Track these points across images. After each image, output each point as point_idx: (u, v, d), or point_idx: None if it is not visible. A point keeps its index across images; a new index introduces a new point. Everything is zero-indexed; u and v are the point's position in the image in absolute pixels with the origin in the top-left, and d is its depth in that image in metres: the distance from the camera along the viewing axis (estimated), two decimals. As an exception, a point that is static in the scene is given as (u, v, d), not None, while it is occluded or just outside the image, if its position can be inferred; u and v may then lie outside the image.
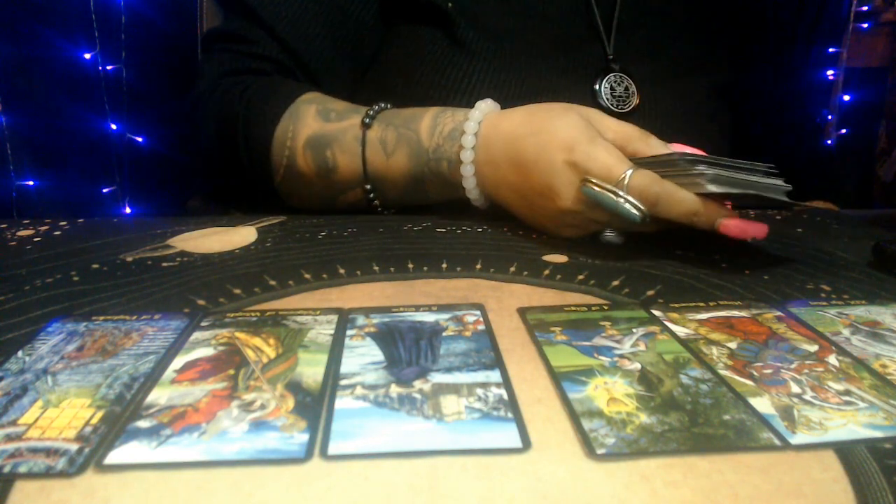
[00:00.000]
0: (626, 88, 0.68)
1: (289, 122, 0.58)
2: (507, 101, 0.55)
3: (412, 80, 0.65)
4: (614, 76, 0.68)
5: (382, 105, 0.58)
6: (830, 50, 1.29)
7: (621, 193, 0.44)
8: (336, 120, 0.58)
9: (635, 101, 0.68)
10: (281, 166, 0.59)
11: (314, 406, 0.27)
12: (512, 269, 0.45)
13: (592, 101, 0.66)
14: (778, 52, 0.83)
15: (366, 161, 0.56)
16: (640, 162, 0.47)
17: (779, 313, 0.38)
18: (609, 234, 0.50)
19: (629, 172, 0.45)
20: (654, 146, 0.49)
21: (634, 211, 0.44)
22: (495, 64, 0.64)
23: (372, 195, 0.58)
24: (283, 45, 0.63)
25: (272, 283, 0.42)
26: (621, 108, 0.67)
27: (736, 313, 0.38)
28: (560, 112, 0.50)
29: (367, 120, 0.56)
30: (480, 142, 0.52)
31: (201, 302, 0.39)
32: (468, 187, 0.53)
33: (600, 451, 0.25)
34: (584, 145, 0.47)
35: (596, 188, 0.45)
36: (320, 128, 0.58)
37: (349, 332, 0.34)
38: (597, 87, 0.67)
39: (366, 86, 0.67)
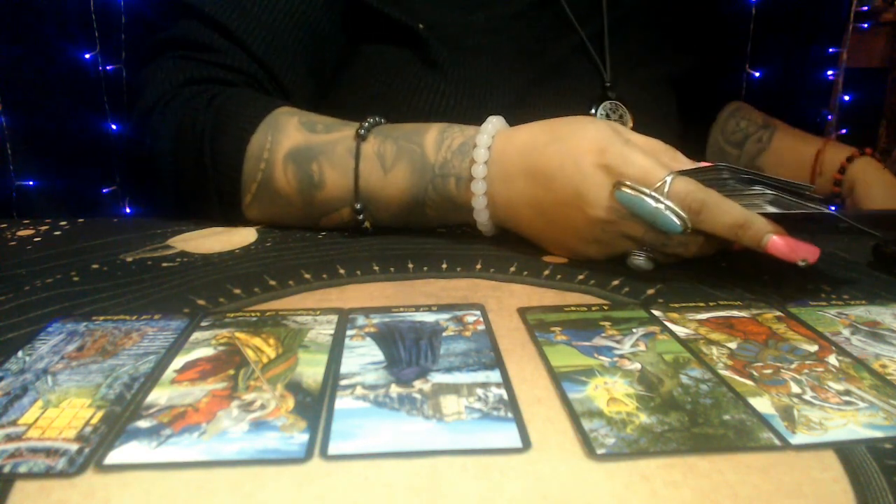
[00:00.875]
0: (621, 116, 0.67)
1: (267, 133, 0.51)
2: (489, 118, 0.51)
3: (383, 102, 0.62)
4: (610, 104, 0.67)
5: (378, 118, 0.52)
6: (830, 50, 1.29)
7: (661, 198, 0.40)
8: (324, 132, 0.51)
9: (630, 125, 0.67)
10: (254, 182, 0.51)
11: (314, 406, 0.27)
12: (512, 269, 0.45)
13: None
14: (778, 52, 0.83)
15: (359, 176, 0.49)
16: (679, 173, 0.42)
17: (779, 313, 0.38)
18: (639, 257, 0.44)
19: (670, 177, 0.41)
20: (682, 162, 0.45)
21: (675, 219, 0.40)
22: (471, 83, 0.62)
23: (361, 216, 0.51)
24: (255, 58, 0.57)
25: (272, 283, 0.42)
26: None
27: (736, 313, 0.38)
28: (585, 120, 0.46)
29: (363, 132, 0.50)
30: (494, 156, 0.47)
31: (201, 302, 0.39)
32: (477, 208, 0.48)
33: (600, 451, 0.25)
34: (617, 146, 0.42)
35: (632, 192, 0.40)
36: (305, 139, 0.51)
37: (349, 332, 0.34)
38: (593, 111, 0.66)
39: (326, 109, 0.56)
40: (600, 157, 0.43)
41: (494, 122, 0.49)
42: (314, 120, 0.52)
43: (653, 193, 0.40)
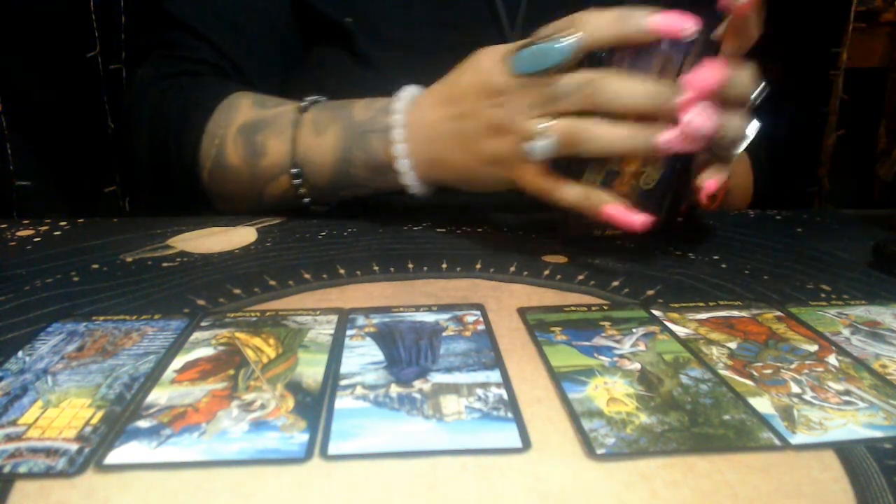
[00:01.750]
0: None
1: (222, 114, 0.56)
2: None
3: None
4: None
5: (320, 97, 0.56)
6: (831, 50, 1.29)
7: (557, 36, 0.41)
8: (272, 107, 0.55)
9: None
10: (209, 159, 0.56)
11: (314, 406, 0.27)
12: (512, 269, 0.45)
13: None
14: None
15: (296, 142, 0.53)
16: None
17: (779, 313, 0.38)
18: (537, 144, 0.42)
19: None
20: None
21: (567, 41, 0.40)
22: (400, 74, 0.62)
23: (298, 181, 0.53)
24: (220, 51, 0.62)
25: (272, 283, 0.42)
26: None
27: (736, 313, 0.38)
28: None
29: (304, 104, 0.54)
30: (412, 106, 0.50)
31: (201, 302, 0.39)
32: (398, 156, 0.49)
33: (600, 451, 0.25)
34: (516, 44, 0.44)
35: (527, 46, 0.42)
36: (255, 115, 0.55)
37: (349, 332, 0.34)
38: None
39: None
40: (500, 50, 0.45)
41: (419, 87, 0.52)
42: (265, 99, 0.57)
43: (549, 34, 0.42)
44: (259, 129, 0.54)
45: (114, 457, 0.24)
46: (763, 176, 0.72)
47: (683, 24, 0.40)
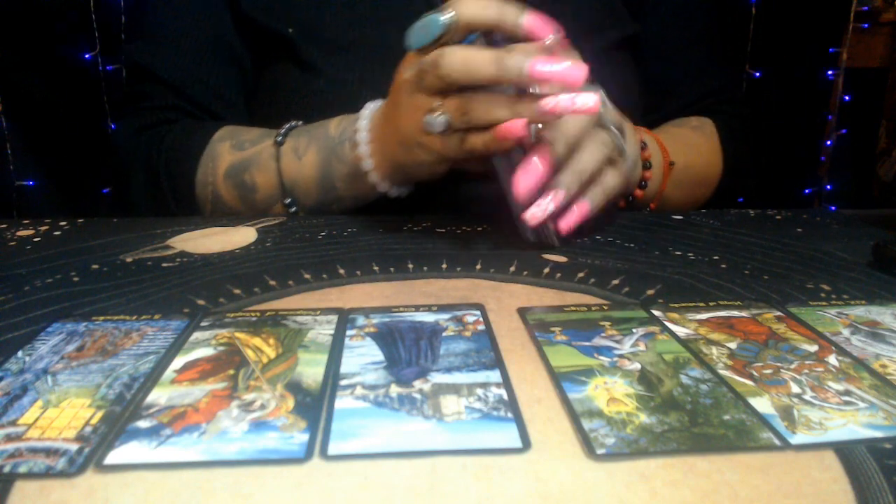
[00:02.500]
0: None
1: (207, 162, 0.60)
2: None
3: (271, 110, 0.66)
4: None
5: (295, 122, 0.59)
6: (830, 50, 1.29)
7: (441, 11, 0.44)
8: (250, 146, 0.59)
9: None
10: (207, 203, 0.61)
11: (314, 406, 0.27)
12: (512, 269, 0.45)
13: None
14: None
15: (281, 172, 0.57)
16: None
17: (779, 313, 0.38)
18: (435, 116, 0.46)
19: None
20: None
21: (446, 15, 0.43)
22: (345, 78, 0.64)
23: (293, 208, 0.58)
24: (180, 93, 0.66)
25: (272, 283, 0.42)
26: None
27: (736, 313, 0.38)
28: None
29: (279, 138, 0.58)
30: (376, 112, 0.53)
31: (201, 302, 0.39)
32: (362, 155, 0.53)
33: (600, 451, 0.25)
34: None
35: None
36: (236, 158, 0.59)
37: (349, 332, 0.34)
38: None
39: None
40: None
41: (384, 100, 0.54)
42: (242, 139, 0.61)
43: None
44: (245, 170, 0.59)
45: (114, 457, 0.24)
46: (738, 175, 0.72)
47: (547, 32, 0.44)
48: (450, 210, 0.59)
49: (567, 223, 0.48)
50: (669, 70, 0.75)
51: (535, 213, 0.46)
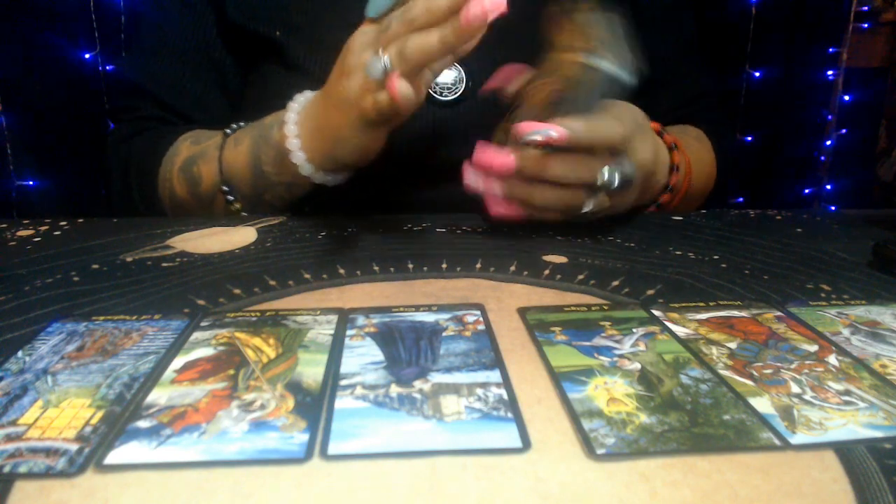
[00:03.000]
0: (457, 75, 0.67)
1: (168, 160, 0.63)
2: None
3: (259, 112, 0.66)
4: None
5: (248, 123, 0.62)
6: (830, 50, 1.29)
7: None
8: (206, 141, 0.62)
9: (462, 87, 0.66)
10: (165, 200, 0.63)
11: (314, 406, 0.27)
12: (512, 269, 0.45)
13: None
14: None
15: (221, 160, 0.59)
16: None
17: (779, 313, 0.38)
18: (374, 63, 0.47)
19: None
20: None
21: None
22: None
23: (230, 197, 0.59)
24: (163, 105, 0.69)
25: (272, 283, 0.42)
26: (445, 97, 0.65)
27: (736, 313, 0.38)
28: None
29: (229, 130, 0.60)
30: (309, 98, 0.55)
31: (201, 302, 0.39)
32: (288, 134, 0.53)
33: (600, 451, 0.25)
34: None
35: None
36: (191, 152, 0.62)
37: (349, 332, 0.34)
38: None
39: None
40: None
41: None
42: (202, 134, 0.63)
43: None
44: (194, 162, 0.61)
45: (114, 457, 0.24)
46: (722, 187, 0.74)
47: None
48: (449, 210, 0.59)
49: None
50: (654, 72, 0.76)
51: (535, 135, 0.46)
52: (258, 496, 0.23)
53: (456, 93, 0.65)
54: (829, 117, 1.32)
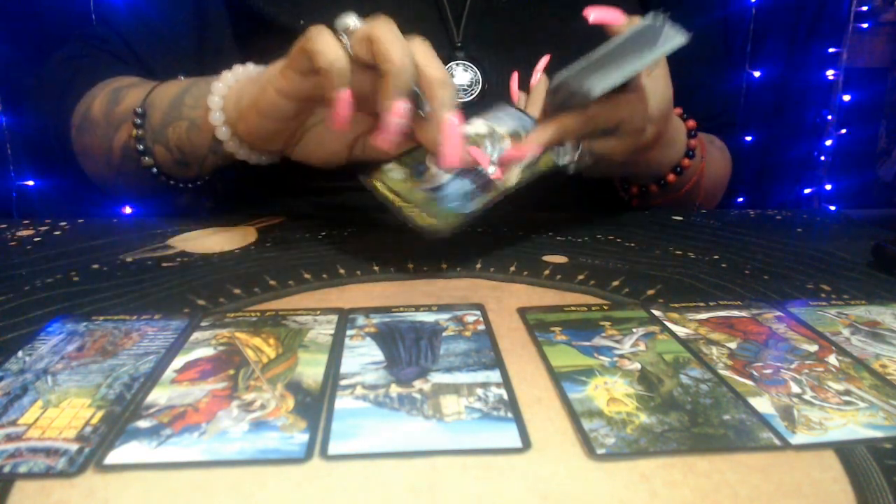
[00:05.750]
0: (472, 76, 0.66)
1: (105, 83, 0.61)
2: None
3: None
4: (461, 64, 0.66)
5: None
6: (830, 50, 1.29)
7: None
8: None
9: (478, 88, 0.65)
10: (79, 115, 0.61)
11: (314, 406, 0.27)
12: (512, 269, 0.45)
13: None
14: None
15: (152, 91, 0.56)
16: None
17: (779, 313, 0.38)
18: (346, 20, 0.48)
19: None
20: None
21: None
22: None
23: (139, 122, 0.55)
24: (129, 46, 0.67)
25: (272, 283, 0.42)
26: (461, 98, 0.65)
27: (736, 313, 0.38)
28: None
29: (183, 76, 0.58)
30: (253, 68, 0.53)
31: (201, 302, 0.39)
32: (214, 93, 0.51)
33: (600, 451, 0.25)
34: None
35: None
36: (132, 81, 0.60)
37: (349, 332, 0.34)
38: None
39: None
40: None
41: None
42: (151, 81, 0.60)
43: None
44: (132, 86, 0.59)
45: (114, 457, 0.24)
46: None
47: None
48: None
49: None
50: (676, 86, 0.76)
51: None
52: (258, 496, 0.23)
53: (472, 94, 0.65)
54: (830, 117, 1.32)
